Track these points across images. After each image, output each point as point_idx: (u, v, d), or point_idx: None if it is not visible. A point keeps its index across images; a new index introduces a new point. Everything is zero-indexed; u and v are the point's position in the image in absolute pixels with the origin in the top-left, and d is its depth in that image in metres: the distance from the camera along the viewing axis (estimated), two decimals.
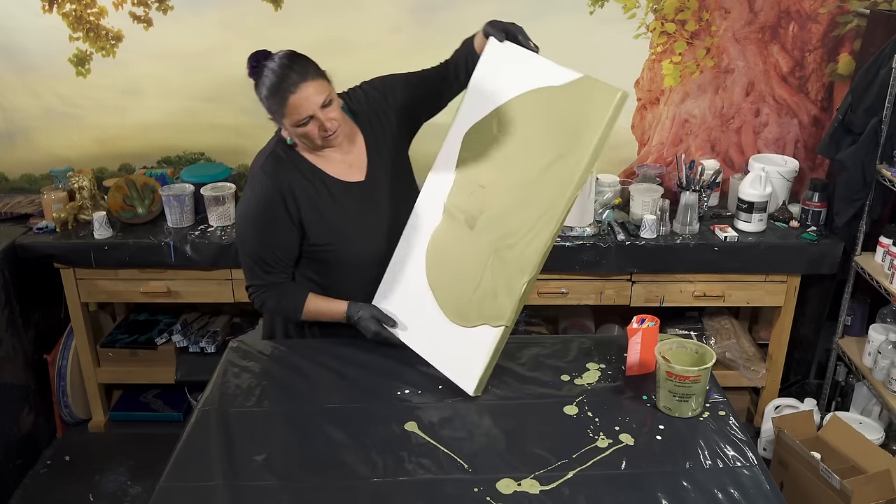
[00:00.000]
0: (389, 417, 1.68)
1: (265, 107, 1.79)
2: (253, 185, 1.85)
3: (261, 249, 1.87)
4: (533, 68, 1.72)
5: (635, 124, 3.14)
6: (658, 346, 1.71)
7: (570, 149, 1.65)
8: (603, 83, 1.62)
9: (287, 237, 1.87)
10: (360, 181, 1.90)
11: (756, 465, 1.54)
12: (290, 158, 1.85)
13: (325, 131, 1.77)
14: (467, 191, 1.80)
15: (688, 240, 2.79)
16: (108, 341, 3.11)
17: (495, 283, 1.72)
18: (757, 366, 3.01)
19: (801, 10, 2.93)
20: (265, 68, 1.74)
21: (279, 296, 1.92)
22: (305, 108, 1.73)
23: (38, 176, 3.23)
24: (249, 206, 1.86)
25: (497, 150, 1.77)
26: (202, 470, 1.54)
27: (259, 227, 1.86)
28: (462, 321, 1.77)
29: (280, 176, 1.83)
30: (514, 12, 2.45)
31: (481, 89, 1.81)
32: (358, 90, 1.97)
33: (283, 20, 2.96)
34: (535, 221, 1.68)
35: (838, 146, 2.76)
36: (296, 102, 1.72)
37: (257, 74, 1.76)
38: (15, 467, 2.81)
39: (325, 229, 1.87)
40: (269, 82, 1.73)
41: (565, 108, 1.66)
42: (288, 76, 1.71)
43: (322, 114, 1.75)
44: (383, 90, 1.96)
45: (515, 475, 1.51)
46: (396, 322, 1.87)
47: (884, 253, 2.67)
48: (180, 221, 2.89)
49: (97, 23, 2.98)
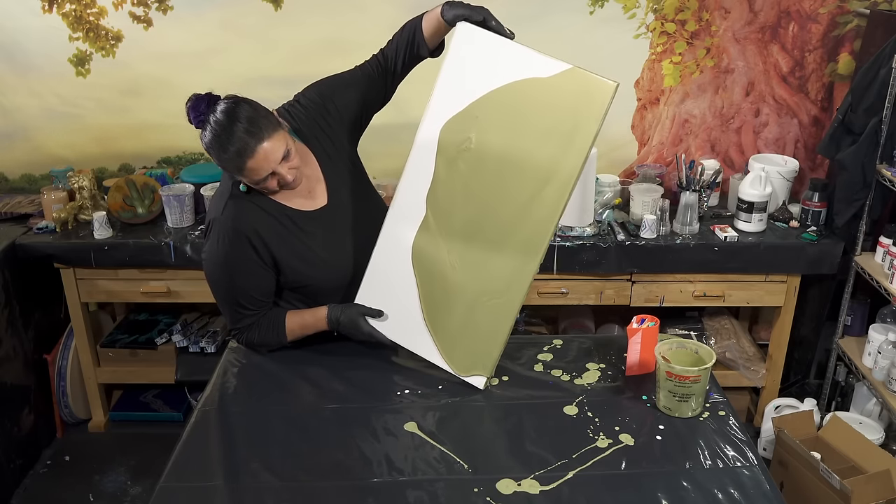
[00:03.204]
0: (389, 417, 1.68)
1: (215, 162, 1.66)
2: (217, 232, 1.74)
3: (238, 295, 1.79)
4: (514, 57, 1.59)
5: (635, 124, 3.14)
6: (658, 346, 1.71)
7: (558, 163, 1.59)
8: (595, 76, 1.53)
9: (261, 279, 1.79)
10: (323, 206, 1.82)
11: (756, 465, 1.54)
12: (250, 198, 1.74)
13: (287, 183, 1.69)
14: (447, 214, 1.71)
15: (688, 240, 2.79)
16: (108, 341, 3.11)
17: (478, 328, 1.73)
18: (757, 366, 3.01)
19: (801, 10, 2.93)
20: (210, 123, 1.61)
21: (259, 329, 1.84)
22: (265, 168, 1.63)
23: (38, 176, 3.23)
24: (217, 255, 1.75)
25: (479, 158, 1.66)
26: (202, 470, 1.54)
27: (231, 274, 1.77)
28: (449, 352, 1.77)
29: (243, 219, 1.73)
30: (514, 12, 2.46)
31: (456, 80, 1.65)
32: (296, 105, 1.84)
33: (283, 20, 2.96)
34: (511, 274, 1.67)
35: (838, 146, 2.76)
36: (253, 166, 1.62)
37: (201, 125, 1.63)
38: (15, 467, 2.81)
39: (299, 263, 1.79)
40: (221, 144, 1.60)
41: (556, 103, 1.57)
42: (244, 140, 1.59)
43: (282, 167, 1.66)
44: (322, 99, 1.83)
45: (515, 475, 1.51)
46: (384, 313, 1.79)
47: (884, 253, 2.67)
48: (180, 221, 2.89)
49: (97, 23, 2.98)
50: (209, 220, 1.78)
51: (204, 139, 1.64)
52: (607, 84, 1.53)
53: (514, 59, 1.60)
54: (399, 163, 1.75)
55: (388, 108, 2.05)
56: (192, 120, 1.65)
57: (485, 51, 1.63)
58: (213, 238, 1.76)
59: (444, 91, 1.68)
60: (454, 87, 1.67)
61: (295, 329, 1.85)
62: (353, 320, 1.80)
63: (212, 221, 1.77)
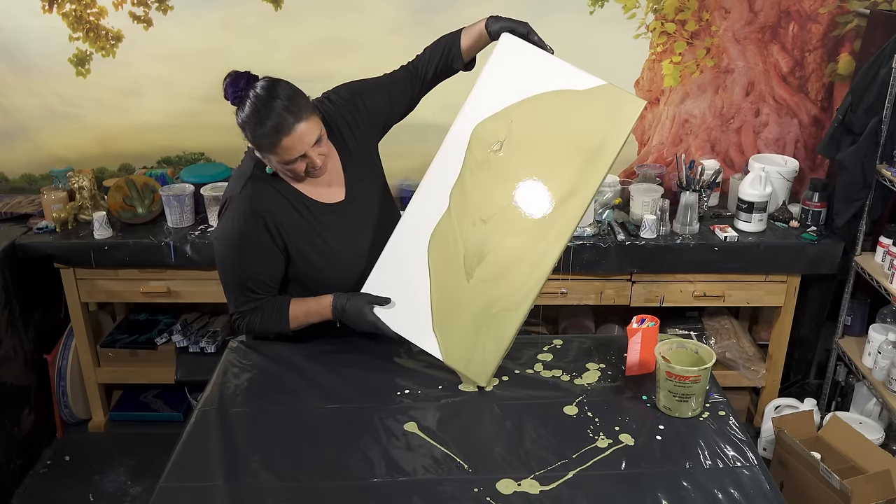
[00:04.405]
0: (389, 417, 1.68)
1: (248, 139, 1.68)
2: (234, 210, 1.75)
3: (246, 277, 1.79)
4: (553, 69, 1.69)
5: (635, 124, 3.13)
6: (658, 346, 1.71)
7: (582, 177, 1.66)
8: (627, 93, 1.63)
9: (272, 263, 1.80)
10: (341, 200, 1.84)
11: (756, 465, 1.54)
12: (270, 181, 1.77)
13: (314, 168, 1.72)
14: (470, 213, 1.73)
15: (688, 240, 2.79)
16: (108, 341, 3.11)
17: (483, 336, 1.73)
18: (757, 366, 3.01)
19: (801, 10, 2.93)
20: (250, 98, 1.64)
21: (262, 313, 1.83)
22: (298, 149, 1.66)
23: (38, 176, 3.23)
24: (231, 234, 1.75)
25: (508, 160, 1.71)
26: (202, 470, 1.54)
27: (242, 255, 1.77)
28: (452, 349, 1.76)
29: (260, 200, 1.74)
30: (514, 12, 2.43)
31: (495, 85, 1.73)
32: (325, 101, 1.86)
33: (283, 20, 2.96)
34: (524, 280, 1.70)
35: (838, 146, 2.76)
36: (288, 144, 1.64)
37: (239, 101, 1.65)
38: (15, 467, 2.81)
39: (311, 252, 1.80)
40: (259, 119, 1.62)
41: (587, 115, 1.65)
42: (282, 117, 1.62)
43: (313, 151, 1.68)
44: (352, 97, 1.87)
45: (515, 475, 1.51)
46: (391, 301, 1.76)
47: (884, 253, 2.67)
48: (180, 221, 2.89)
49: (97, 23, 2.98)
50: (225, 199, 1.79)
51: (240, 115, 1.66)
52: (637, 101, 1.63)
53: (552, 71, 1.70)
54: (400, 163, 1.76)
55: None
56: (230, 96, 1.66)
57: (525, 61, 1.73)
58: (229, 216, 1.76)
59: (482, 93, 1.75)
60: (492, 91, 1.74)
61: (299, 316, 1.83)
62: (358, 309, 1.78)
63: (228, 200, 1.78)
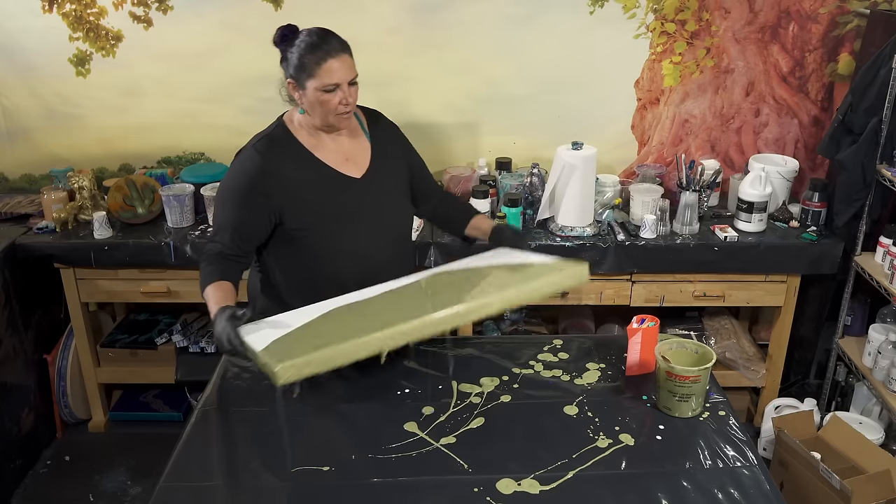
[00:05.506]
0: (389, 417, 1.68)
1: (294, 65, 1.81)
2: (242, 159, 1.86)
3: (224, 220, 1.85)
4: (524, 257, 1.83)
5: (635, 124, 3.14)
6: (658, 346, 1.72)
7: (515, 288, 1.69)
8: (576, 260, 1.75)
9: (258, 218, 1.83)
10: (354, 177, 1.89)
11: (756, 465, 1.54)
12: (287, 140, 1.87)
13: (346, 106, 1.82)
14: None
15: (688, 240, 2.79)
16: (108, 341, 3.11)
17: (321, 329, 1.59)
18: (757, 366, 3.01)
19: (801, 10, 2.93)
20: (303, 34, 1.81)
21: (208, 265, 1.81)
22: (339, 75, 1.79)
23: (38, 176, 3.23)
24: (234, 179, 1.86)
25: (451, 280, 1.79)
26: (202, 470, 1.54)
27: (235, 201, 1.84)
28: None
29: (271, 154, 1.84)
30: (514, 12, 2.46)
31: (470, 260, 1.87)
32: (382, 116, 2.04)
33: (283, 20, 2.88)
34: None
35: (838, 146, 2.76)
36: (332, 66, 1.78)
37: (288, 43, 1.82)
38: (15, 467, 2.81)
39: (304, 212, 1.84)
40: (313, 45, 1.79)
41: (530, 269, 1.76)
42: (331, 41, 1.79)
43: (348, 89, 1.81)
44: (405, 143, 2.05)
45: (515, 475, 1.51)
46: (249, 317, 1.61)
47: (884, 253, 2.68)
48: (180, 221, 2.89)
49: (97, 23, 2.98)
50: (244, 147, 1.89)
51: (292, 51, 1.81)
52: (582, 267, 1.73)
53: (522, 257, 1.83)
54: None
55: (388, 108, 2.09)
56: (280, 39, 1.84)
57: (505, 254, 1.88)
58: (237, 161, 1.87)
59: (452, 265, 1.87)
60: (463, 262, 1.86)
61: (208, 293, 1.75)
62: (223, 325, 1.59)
63: (244, 147, 1.88)
